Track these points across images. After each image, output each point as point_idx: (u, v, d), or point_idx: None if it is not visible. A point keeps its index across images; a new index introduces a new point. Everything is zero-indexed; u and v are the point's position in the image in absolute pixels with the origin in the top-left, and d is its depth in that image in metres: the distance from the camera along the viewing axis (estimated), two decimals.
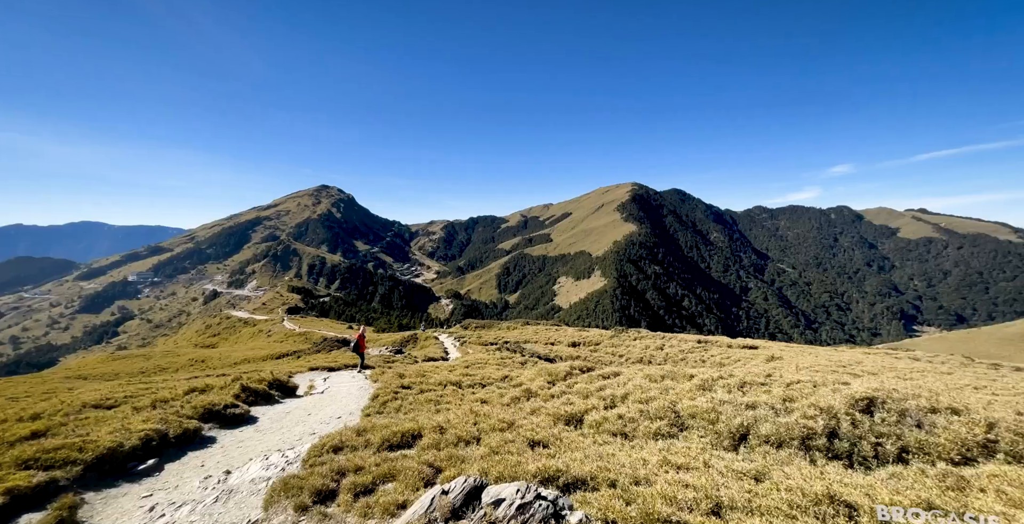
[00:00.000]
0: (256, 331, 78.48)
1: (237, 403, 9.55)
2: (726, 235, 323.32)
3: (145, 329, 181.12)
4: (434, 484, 4.44)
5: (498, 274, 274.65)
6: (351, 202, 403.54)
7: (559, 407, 7.60)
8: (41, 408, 10.33)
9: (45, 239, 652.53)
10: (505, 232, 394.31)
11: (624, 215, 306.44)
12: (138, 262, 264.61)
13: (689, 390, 6.62)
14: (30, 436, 7.63)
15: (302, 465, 5.32)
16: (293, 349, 43.19)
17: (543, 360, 17.82)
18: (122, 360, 52.83)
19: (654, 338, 26.23)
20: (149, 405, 9.77)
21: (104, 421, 8.32)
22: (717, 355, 17.71)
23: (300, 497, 4.06)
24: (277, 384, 11.82)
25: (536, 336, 33.21)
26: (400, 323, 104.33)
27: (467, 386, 11.09)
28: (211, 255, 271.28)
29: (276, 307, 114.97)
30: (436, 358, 22.96)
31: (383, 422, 6.48)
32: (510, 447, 5.15)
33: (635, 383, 8.28)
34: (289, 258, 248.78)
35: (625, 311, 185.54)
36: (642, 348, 22.24)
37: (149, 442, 6.71)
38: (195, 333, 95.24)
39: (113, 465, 5.94)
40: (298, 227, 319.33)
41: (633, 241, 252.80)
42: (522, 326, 43.46)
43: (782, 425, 4.05)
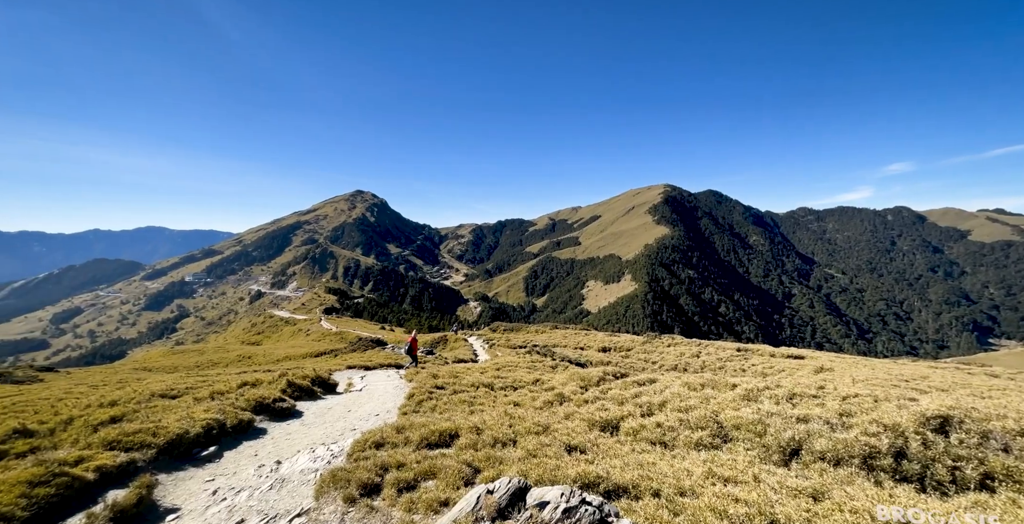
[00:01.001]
0: (296, 330, 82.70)
1: (284, 397, 10.12)
2: (767, 238, 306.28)
3: (199, 326, 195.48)
4: (473, 484, 4.51)
5: (525, 277, 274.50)
6: (384, 206, 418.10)
7: (594, 413, 7.50)
8: (117, 396, 11.42)
9: (118, 242, 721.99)
10: (533, 235, 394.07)
11: (656, 217, 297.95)
12: (193, 264, 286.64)
13: (732, 400, 6.34)
14: (110, 421, 8.45)
15: (347, 459, 5.56)
16: (330, 348, 45.16)
17: (573, 364, 17.62)
18: (180, 354, 57.33)
19: (689, 345, 25.25)
20: (207, 396, 10.56)
21: (170, 410, 9.08)
22: (759, 364, 16.79)
23: (348, 489, 4.25)
24: (319, 381, 12.41)
25: (565, 340, 32.87)
26: (430, 324, 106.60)
27: (499, 388, 11.16)
28: (256, 257, 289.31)
29: (314, 307, 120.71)
30: (466, 360, 23.25)
31: (421, 421, 6.66)
32: (547, 451, 5.14)
33: (673, 391, 8.03)
34: (326, 260, 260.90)
35: (657, 316, 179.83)
36: (676, 355, 21.47)
37: (210, 430, 7.25)
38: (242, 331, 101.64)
39: (180, 450, 6.48)
40: (335, 231, 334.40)
41: (665, 244, 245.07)
42: (550, 330, 43.15)
43: (840, 441, 3.80)
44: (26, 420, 8.58)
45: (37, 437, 7.94)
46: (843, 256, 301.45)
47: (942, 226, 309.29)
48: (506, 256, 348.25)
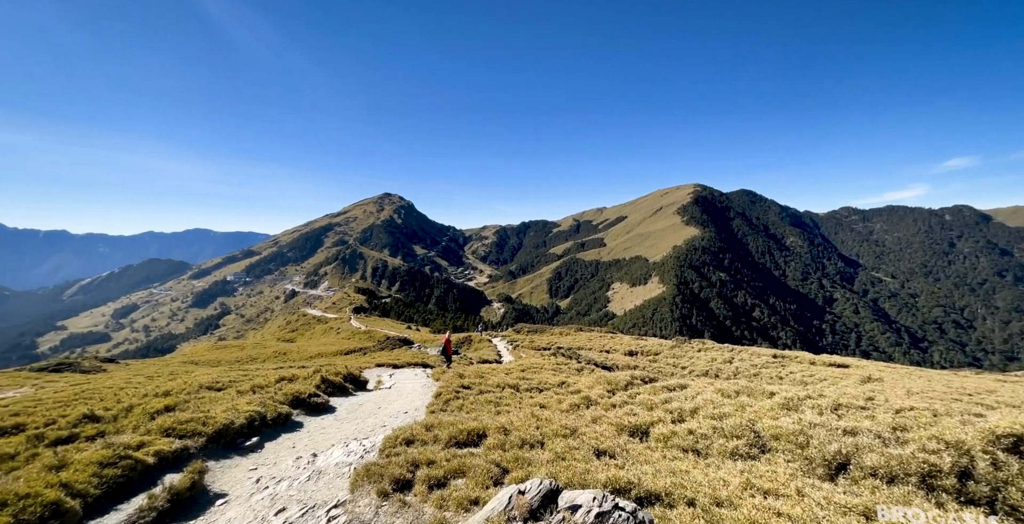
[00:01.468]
0: (327, 328, 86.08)
1: (318, 393, 10.56)
2: (805, 240, 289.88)
3: (239, 323, 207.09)
4: (502, 484, 4.55)
5: (549, 279, 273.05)
6: (411, 209, 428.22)
7: (622, 417, 7.37)
8: (169, 387, 12.29)
9: (169, 243, 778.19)
10: (557, 236, 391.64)
11: (685, 218, 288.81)
12: (234, 264, 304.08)
13: (770, 409, 6.06)
14: (164, 409, 9.11)
15: (379, 454, 5.74)
16: (359, 346, 46.68)
17: (599, 368, 17.35)
18: (222, 349, 60.97)
19: (721, 350, 24.30)
20: (249, 390, 11.18)
21: (216, 401, 9.68)
22: (797, 372, 15.91)
23: (381, 483, 4.39)
24: (350, 378, 12.87)
25: (590, 343, 32.44)
26: (454, 325, 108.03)
27: (524, 390, 11.17)
28: (291, 258, 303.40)
29: (344, 306, 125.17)
30: (490, 360, 23.41)
31: (449, 420, 6.77)
32: (575, 454, 5.11)
33: (705, 397, 7.77)
34: (356, 261, 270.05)
35: (686, 320, 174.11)
36: (707, 360, 20.71)
37: (252, 422, 7.68)
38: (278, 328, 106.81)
39: (226, 439, 6.90)
40: (364, 232, 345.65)
41: (695, 246, 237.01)
42: (575, 332, 42.71)
43: (894, 457, 3.55)
44: (94, 407, 9.39)
45: (103, 422, 8.68)
46: (893, 259, 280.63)
47: (1011, 226, 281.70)
48: (530, 257, 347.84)
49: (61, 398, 11.99)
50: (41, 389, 15.49)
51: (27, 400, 11.79)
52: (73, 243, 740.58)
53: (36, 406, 10.34)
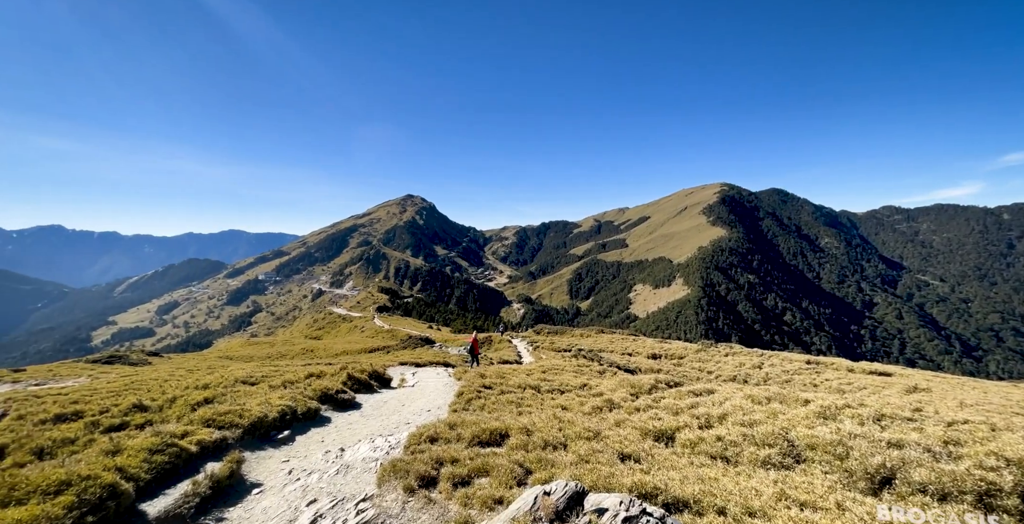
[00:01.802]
0: (352, 327, 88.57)
1: (345, 389, 10.89)
2: (842, 240, 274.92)
3: (269, 320, 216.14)
4: (525, 484, 4.56)
5: (570, 280, 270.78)
6: (432, 210, 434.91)
7: (646, 421, 7.24)
8: (208, 380, 12.97)
9: (206, 244, 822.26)
10: (577, 237, 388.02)
11: (711, 218, 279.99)
12: (265, 264, 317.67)
13: (805, 417, 5.80)
14: (204, 401, 9.62)
15: (404, 451, 5.86)
16: (383, 344, 47.77)
17: (622, 371, 17.07)
18: (254, 345, 63.81)
19: (750, 355, 23.40)
20: (280, 385, 11.66)
21: (251, 395, 10.14)
22: (833, 380, 15.11)
23: (407, 480, 4.49)
24: (375, 375, 13.20)
25: (612, 345, 31.95)
26: (475, 325, 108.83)
27: (546, 391, 11.13)
28: (318, 258, 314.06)
29: (368, 305, 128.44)
30: (510, 361, 23.45)
31: (472, 419, 6.84)
32: (599, 457, 5.05)
33: (734, 403, 7.52)
34: (379, 261, 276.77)
35: (712, 323, 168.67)
36: (735, 365, 19.99)
37: (284, 416, 8.01)
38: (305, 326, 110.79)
39: (260, 432, 7.22)
40: (387, 233, 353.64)
41: (722, 247, 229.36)
42: (596, 334, 42.17)
43: (946, 473, 3.33)
44: (142, 397, 10.04)
45: (150, 412, 9.26)
46: (942, 261, 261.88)
47: None
48: (550, 258, 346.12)
49: (113, 388, 12.88)
50: (96, 379, 16.67)
51: (84, 389, 12.73)
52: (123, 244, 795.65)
53: (92, 395, 11.15)
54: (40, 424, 8.27)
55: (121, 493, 3.91)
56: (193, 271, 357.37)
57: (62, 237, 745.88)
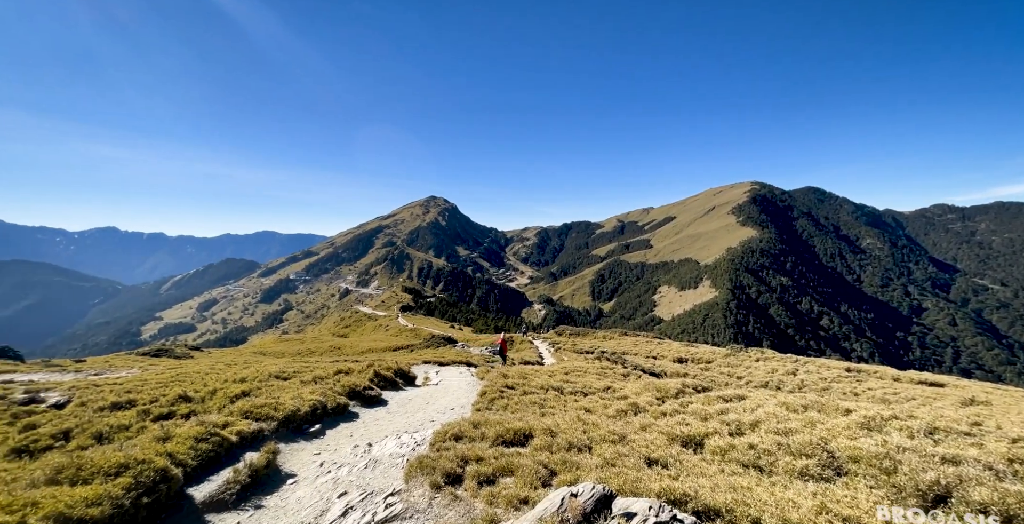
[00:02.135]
0: (377, 325, 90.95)
1: (372, 386, 11.20)
2: (886, 241, 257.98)
3: (299, 318, 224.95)
4: (550, 485, 4.55)
5: (592, 281, 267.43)
6: (454, 211, 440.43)
7: (673, 426, 7.06)
8: (245, 374, 13.64)
9: (242, 244, 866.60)
10: (600, 238, 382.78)
11: (741, 218, 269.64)
12: (296, 264, 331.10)
13: (846, 427, 5.49)
14: (241, 394, 10.13)
15: (429, 448, 5.97)
16: (407, 343, 48.76)
17: (646, 374, 16.70)
18: (286, 342, 66.55)
19: (783, 361, 22.36)
20: (311, 380, 12.11)
21: (284, 389, 10.60)
22: (877, 389, 14.20)
23: (433, 476, 4.57)
24: (400, 373, 13.50)
25: (636, 348, 31.32)
26: (496, 325, 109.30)
27: (568, 393, 11.04)
28: (345, 258, 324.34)
29: (392, 305, 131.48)
30: (532, 362, 23.41)
31: (495, 418, 6.88)
32: (625, 461, 4.97)
33: (767, 410, 7.22)
34: (403, 262, 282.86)
35: (742, 327, 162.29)
36: (767, 371, 19.15)
37: (315, 410, 8.32)
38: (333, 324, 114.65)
39: (293, 425, 7.54)
40: (410, 234, 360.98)
41: (752, 248, 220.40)
42: (619, 336, 41.46)
43: (1011, 494, 3.07)
44: (186, 389, 10.68)
45: (193, 403, 9.84)
46: (1002, 263, 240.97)
47: None
48: (571, 259, 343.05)
49: (161, 380, 13.77)
50: (146, 371, 17.87)
51: (136, 380, 13.67)
52: (168, 244, 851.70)
53: (143, 386, 11.96)
54: (99, 411, 8.96)
55: (171, 477, 4.19)
56: (230, 270, 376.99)
57: (116, 238, 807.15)
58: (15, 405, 8.24)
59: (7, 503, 2.78)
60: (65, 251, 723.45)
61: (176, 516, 4.34)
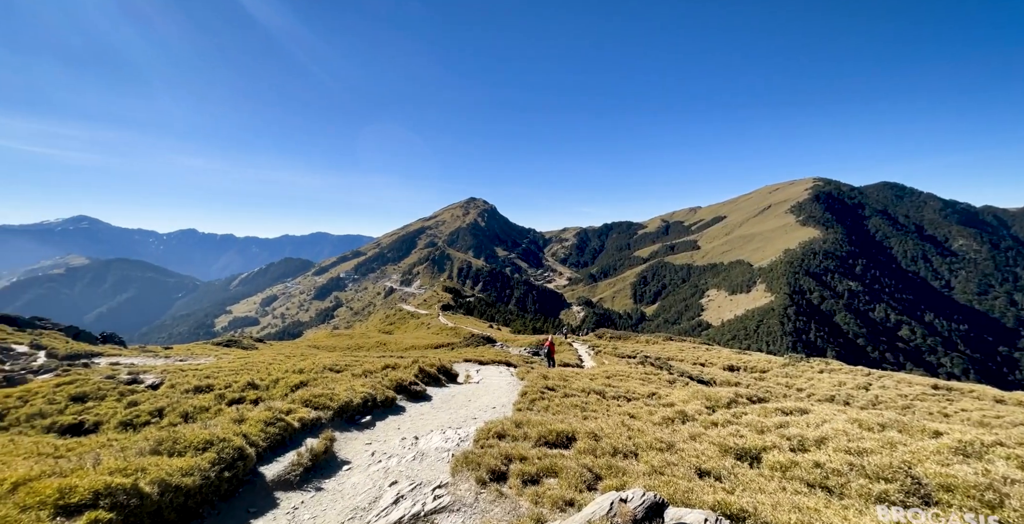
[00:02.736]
0: (419, 323, 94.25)
1: (417, 381, 11.64)
2: (984, 242, 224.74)
3: (348, 315, 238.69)
4: (595, 489, 4.47)
5: (633, 283, 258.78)
6: (493, 212, 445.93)
7: (726, 437, 6.66)
8: (302, 366, 14.71)
9: (299, 245, 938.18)
10: (642, 238, 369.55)
11: (801, 217, 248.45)
12: (345, 263, 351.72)
13: (935, 451, 4.88)
14: (300, 384, 10.94)
15: (473, 444, 6.10)
16: (447, 341, 50.08)
17: (694, 381, 15.88)
18: (336, 337, 70.88)
19: (852, 373, 20.27)
20: (361, 374, 12.82)
21: (337, 381, 11.30)
22: (973, 410, 12.42)
23: (478, 472, 4.67)
24: (443, 370, 13.90)
25: (681, 354, 29.89)
26: (534, 326, 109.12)
27: (611, 397, 10.78)
28: (390, 258, 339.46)
29: (433, 303, 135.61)
30: (571, 364, 23.10)
31: (537, 419, 6.88)
32: (674, 470, 4.77)
33: (835, 427, 6.60)
34: (444, 262, 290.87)
35: (801, 335, 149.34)
36: (833, 384, 17.45)
37: (366, 402, 8.80)
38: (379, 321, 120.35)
39: (347, 415, 8.03)
40: (451, 235, 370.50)
41: (814, 249, 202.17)
42: (663, 341, 39.78)
43: None
44: (254, 377, 11.74)
45: (259, 390, 10.78)
46: None
47: None
48: (612, 260, 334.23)
49: (232, 368, 15.24)
50: (220, 359, 19.85)
51: (212, 367, 15.24)
52: (236, 244, 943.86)
53: (218, 372, 13.31)
54: (184, 393, 10.11)
55: (247, 456, 4.63)
56: (288, 269, 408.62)
57: (195, 239, 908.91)
58: (122, 385, 9.51)
59: (123, 467, 3.26)
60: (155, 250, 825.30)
61: (250, 491, 4.80)
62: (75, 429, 6.52)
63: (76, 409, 7.23)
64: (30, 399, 7.41)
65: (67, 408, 7.21)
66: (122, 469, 3.24)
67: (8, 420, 6.50)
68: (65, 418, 6.53)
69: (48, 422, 6.40)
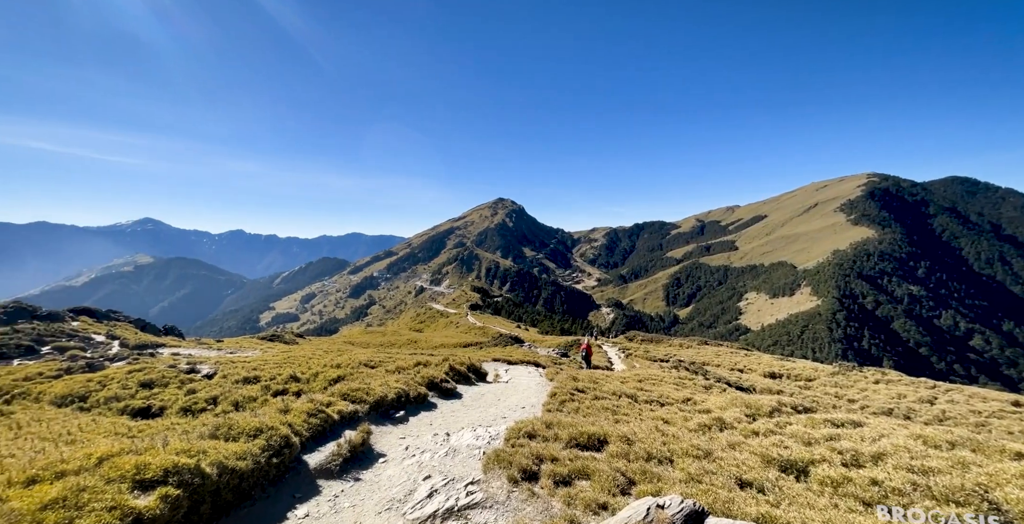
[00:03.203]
0: (448, 322, 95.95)
1: (448, 379, 11.86)
2: None
3: (381, 312, 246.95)
4: (629, 494, 4.38)
5: (666, 285, 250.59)
6: (521, 212, 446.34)
7: (768, 448, 6.31)
8: (339, 361, 15.38)
9: (335, 245, 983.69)
10: (676, 239, 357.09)
11: (853, 216, 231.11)
12: (378, 263, 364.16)
13: (1018, 475, 4.39)
14: (337, 378, 11.44)
15: (504, 442, 6.14)
16: (476, 340, 50.66)
17: (732, 388, 15.15)
18: (370, 334, 73.48)
19: (913, 385, 18.58)
20: (394, 370, 13.23)
21: (372, 376, 11.72)
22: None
23: (510, 470, 4.69)
24: (472, 369, 14.09)
25: (717, 359, 28.62)
26: (562, 327, 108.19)
27: (643, 401, 10.50)
28: (420, 258, 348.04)
29: (462, 303, 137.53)
30: (600, 367, 22.70)
31: (568, 420, 6.83)
32: (713, 479, 4.58)
33: (895, 442, 6.08)
34: (472, 262, 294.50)
35: (853, 342, 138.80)
36: (891, 396, 16.08)
37: (399, 398, 9.08)
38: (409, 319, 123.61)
39: (382, 409, 8.32)
40: (479, 235, 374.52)
41: (868, 250, 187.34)
42: (698, 345, 38.23)
43: None
44: (295, 370, 12.40)
45: (301, 382, 11.38)
46: None
47: None
48: (643, 261, 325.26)
49: (276, 361, 16.18)
50: (265, 352, 21.14)
51: (258, 360, 16.26)
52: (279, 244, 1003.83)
53: (264, 365, 14.17)
54: (235, 383, 10.85)
55: (292, 444, 4.92)
56: (325, 268, 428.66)
57: (243, 239, 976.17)
58: (182, 374, 10.36)
59: (187, 448, 3.58)
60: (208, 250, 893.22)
61: (295, 478, 5.08)
62: (143, 412, 7.18)
63: (144, 394, 7.96)
64: (107, 384, 8.24)
65: (137, 393, 7.95)
66: (186, 450, 3.56)
67: (90, 402, 7.27)
68: (136, 402, 7.21)
69: (122, 405, 7.09)
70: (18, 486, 2.71)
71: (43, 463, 3.02)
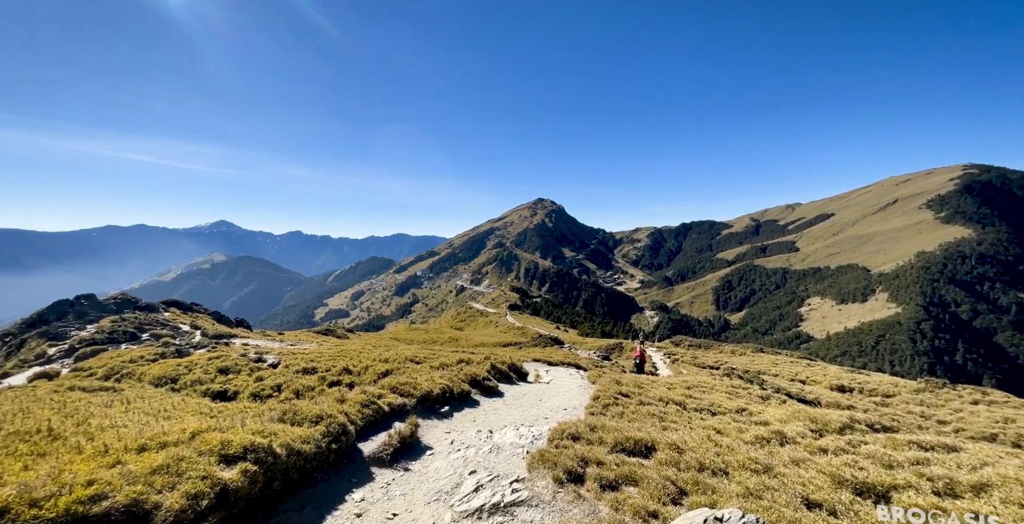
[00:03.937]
0: (488, 321, 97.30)
1: (490, 377, 12.02)
2: None
3: (424, 310, 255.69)
4: (680, 504, 4.18)
5: (716, 287, 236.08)
6: (561, 212, 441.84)
7: (839, 467, 5.73)
8: (387, 356, 16.13)
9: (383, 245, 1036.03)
10: (727, 239, 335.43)
11: (944, 213, 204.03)
12: (422, 262, 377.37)
13: None
14: (385, 372, 12.01)
15: (547, 443, 6.11)
16: (515, 340, 50.90)
17: (793, 400, 13.94)
18: (414, 331, 76.35)
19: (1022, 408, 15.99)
20: (438, 366, 13.65)
21: (417, 372, 12.17)
22: None
23: (555, 471, 4.66)
24: (514, 368, 14.17)
25: (775, 368, 26.48)
26: (602, 330, 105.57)
27: (692, 409, 9.98)
28: (461, 258, 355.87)
29: (501, 303, 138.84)
30: (645, 372, 21.86)
31: (613, 424, 6.66)
32: (775, 496, 4.25)
33: (1002, 472, 5.29)
34: (511, 262, 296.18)
35: (942, 356, 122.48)
36: (995, 420, 13.96)
37: (444, 393, 9.35)
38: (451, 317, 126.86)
39: (428, 403, 8.61)
40: (519, 236, 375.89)
41: (964, 252, 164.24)
42: (752, 352, 35.63)
43: None
44: (348, 364, 13.18)
45: (352, 375, 12.07)
46: None
47: None
48: (690, 262, 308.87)
49: (330, 354, 17.31)
50: (320, 345, 22.70)
51: (314, 353, 17.50)
52: (332, 244, 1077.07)
53: (320, 357, 15.23)
54: (296, 373, 11.76)
55: (348, 432, 5.24)
56: (373, 267, 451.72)
57: (300, 240, 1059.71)
58: (251, 362, 11.40)
59: (261, 429, 3.98)
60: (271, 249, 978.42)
61: (351, 464, 5.41)
62: (221, 395, 8.01)
63: (222, 379, 8.87)
64: (192, 368, 9.29)
65: (216, 378, 8.89)
66: (261, 431, 3.94)
67: (180, 383, 8.25)
68: (215, 386, 8.06)
69: (204, 388, 7.96)
70: (132, 452, 3.20)
71: (149, 434, 3.51)
